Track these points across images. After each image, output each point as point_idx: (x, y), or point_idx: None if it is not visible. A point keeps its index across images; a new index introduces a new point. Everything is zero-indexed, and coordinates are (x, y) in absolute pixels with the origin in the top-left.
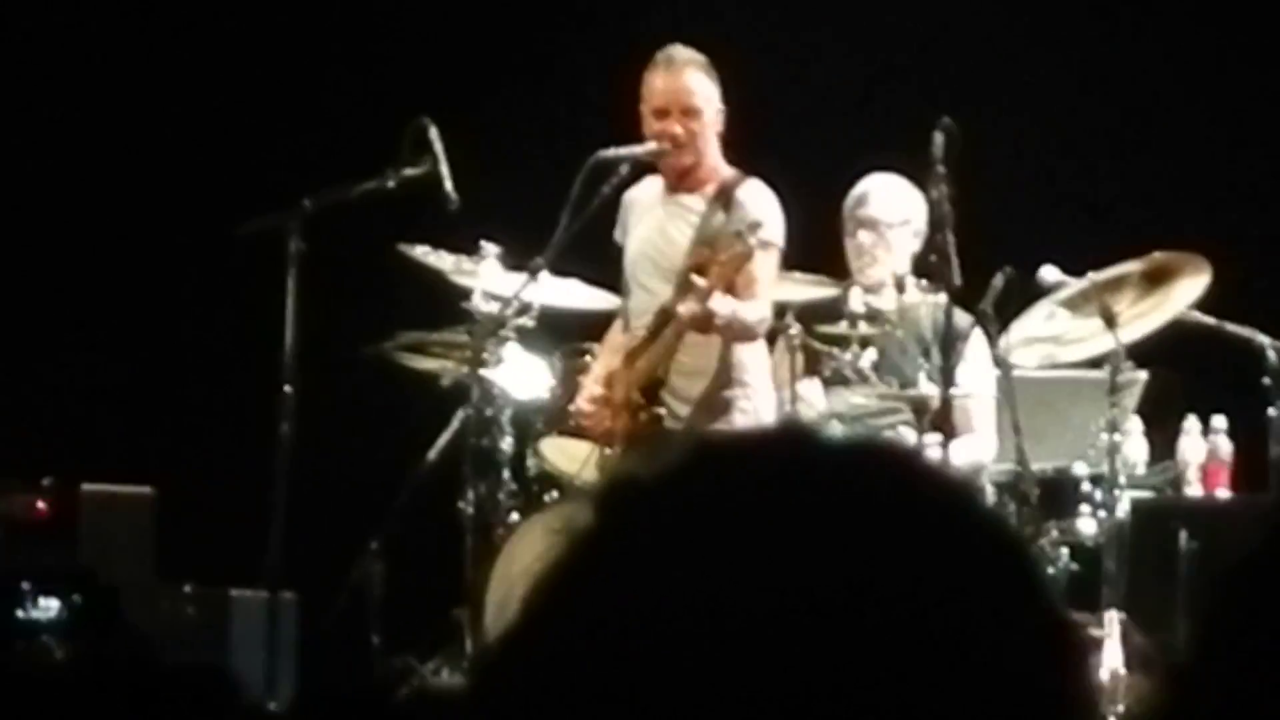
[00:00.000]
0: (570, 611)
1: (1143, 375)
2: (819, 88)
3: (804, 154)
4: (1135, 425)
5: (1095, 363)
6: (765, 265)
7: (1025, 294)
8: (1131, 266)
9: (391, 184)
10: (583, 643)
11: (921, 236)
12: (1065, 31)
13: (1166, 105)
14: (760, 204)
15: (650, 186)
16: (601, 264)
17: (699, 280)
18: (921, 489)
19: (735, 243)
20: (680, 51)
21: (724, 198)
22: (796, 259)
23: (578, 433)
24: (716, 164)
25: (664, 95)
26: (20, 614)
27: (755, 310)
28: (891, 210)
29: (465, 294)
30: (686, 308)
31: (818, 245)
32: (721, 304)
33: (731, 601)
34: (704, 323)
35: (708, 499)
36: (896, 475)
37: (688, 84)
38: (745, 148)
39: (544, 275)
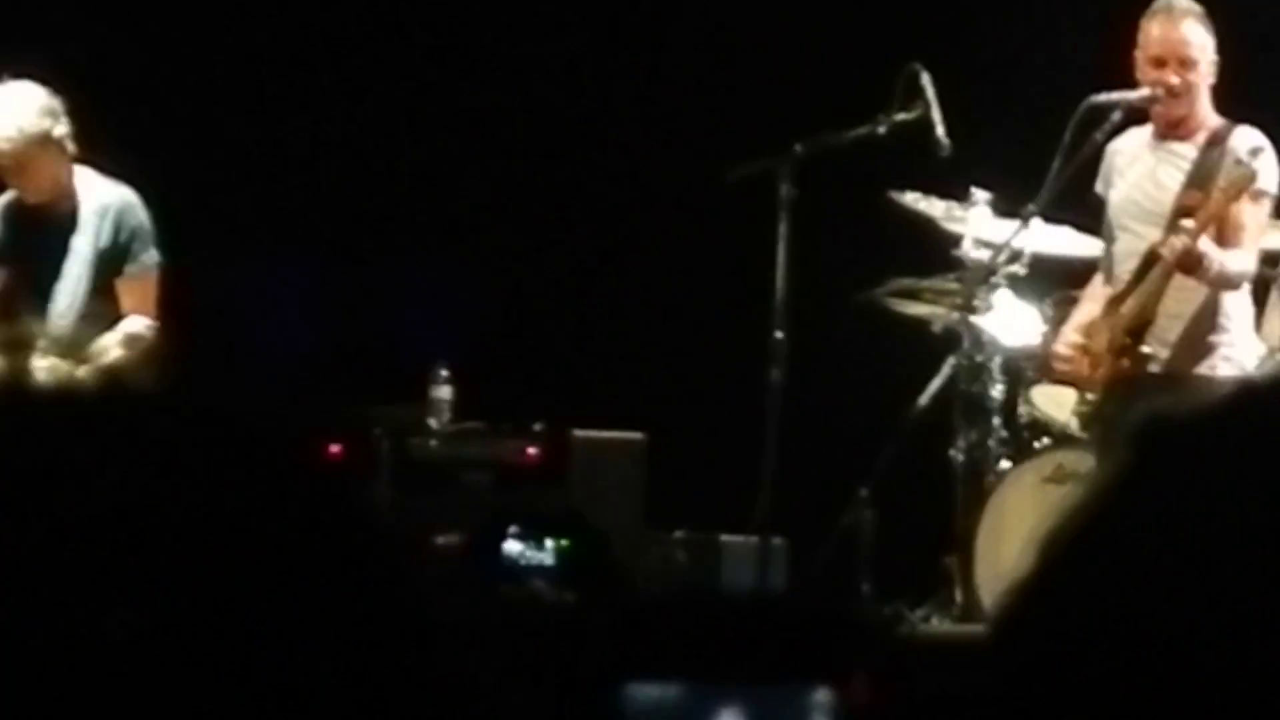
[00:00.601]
0: (1105, 557)
1: None
2: None
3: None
4: None
5: None
6: (1254, 215)
7: None
8: None
9: (883, 130)
10: (1122, 588)
11: None
12: None
13: None
14: (1256, 145)
15: (1136, 136)
16: (1093, 210)
17: (1187, 222)
18: None
19: (1233, 173)
20: (1180, 0)
21: (1217, 144)
22: None
23: (1069, 380)
24: (1208, 113)
25: (1161, 44)
26: (510, 557)
27: (1240, 260)
28: None
29: (956, 240)
30: (1171, 247)
31: None
32: (1209, 246)
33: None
34: (1190, 262)
35: (1252, 438)
36: None
37: (1185, 34)
38: (1232, 98)
39: (1035, 222)
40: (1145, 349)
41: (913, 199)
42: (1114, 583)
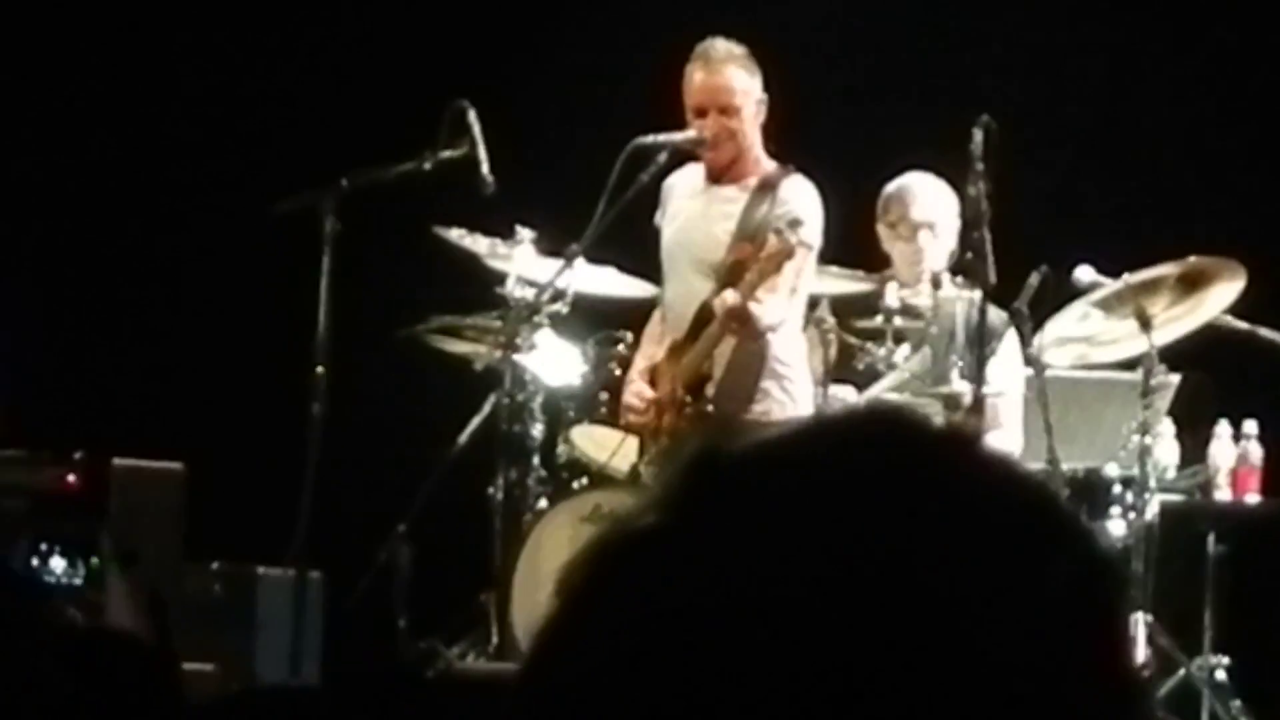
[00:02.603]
0: (634, 592)
1: (1175, 378)
2: (857, 81)
3: (840, 146)
4: (1166, 428)
5: (1128, 364)
6: (794, 266)
7: (1060, 294)
8: (1167, 269)
9: (428, 166)
10: (649, 623)
11: (955, 235)
12: (1104, 32)
13: (1204, 109)
14: (802, 200)
15: (691, 173)
16: (638, 251)
17: (729, 295)
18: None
19: (776, 240)
20: (719, 46)
21: (766, 191)
22: (832, 252)
23: (609, 421)
24: (758, 155)
25: (702, 93)
26: (40, 575)
27: (779, 309)
28: (943, 210)
29: (499, 278)
30: (721, 304)
31: (851, 239)
32: (755, 307)
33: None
34: (737, 324)
35: (805, 473)
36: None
37: (727, 82)
38: (782, 138)
39: (580, 261)
40: (705, 405)
41: (457, 235)
42: (642, 616)
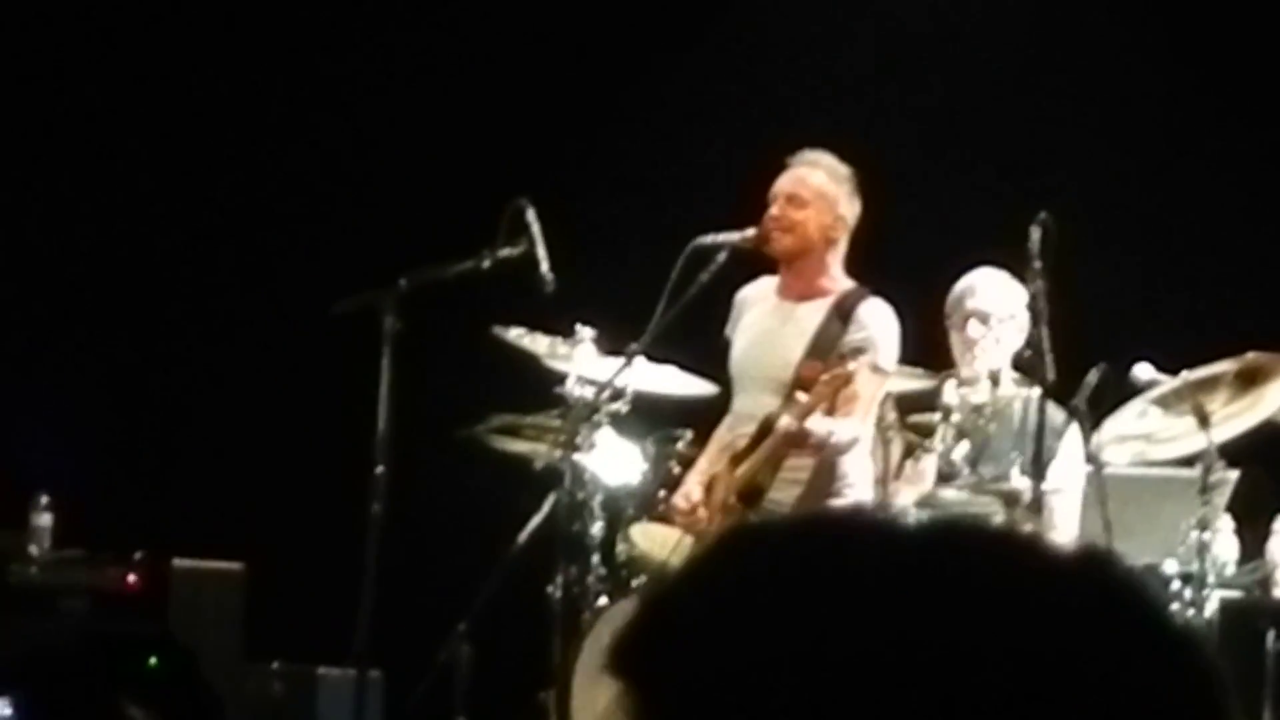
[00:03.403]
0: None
1: (1234, 474)
2: (918, 182)
3: (904, 249)
4: (1225, 524)
5: (1187, 461)
6: (868, 385)
7: (1119, 391)
8: (1225, 366)
9: (487, 264)
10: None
11: (1024, 331)
12: (1165, 127)
13: (1265, 205)
14: (879, 323)
15: (765, 286)
16: (699, 350)
17: (801, 396)
18: (1016, 562)
19: (840, 364)
20: (813, 153)
21: (842, 311)
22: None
23: (668, 519)
24: (836, 275)
25: (778, 183)
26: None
27: (850, 429)
28: (1000, 303)
29: (559, 378)
30: (784, 424)
31: (915, 338)
32: (819, 424)
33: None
34: (799, 441)
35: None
36: (984, 549)
37: (800, 174)
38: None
39: (640, 361)
40: (760, 514)
41: (516, 335)
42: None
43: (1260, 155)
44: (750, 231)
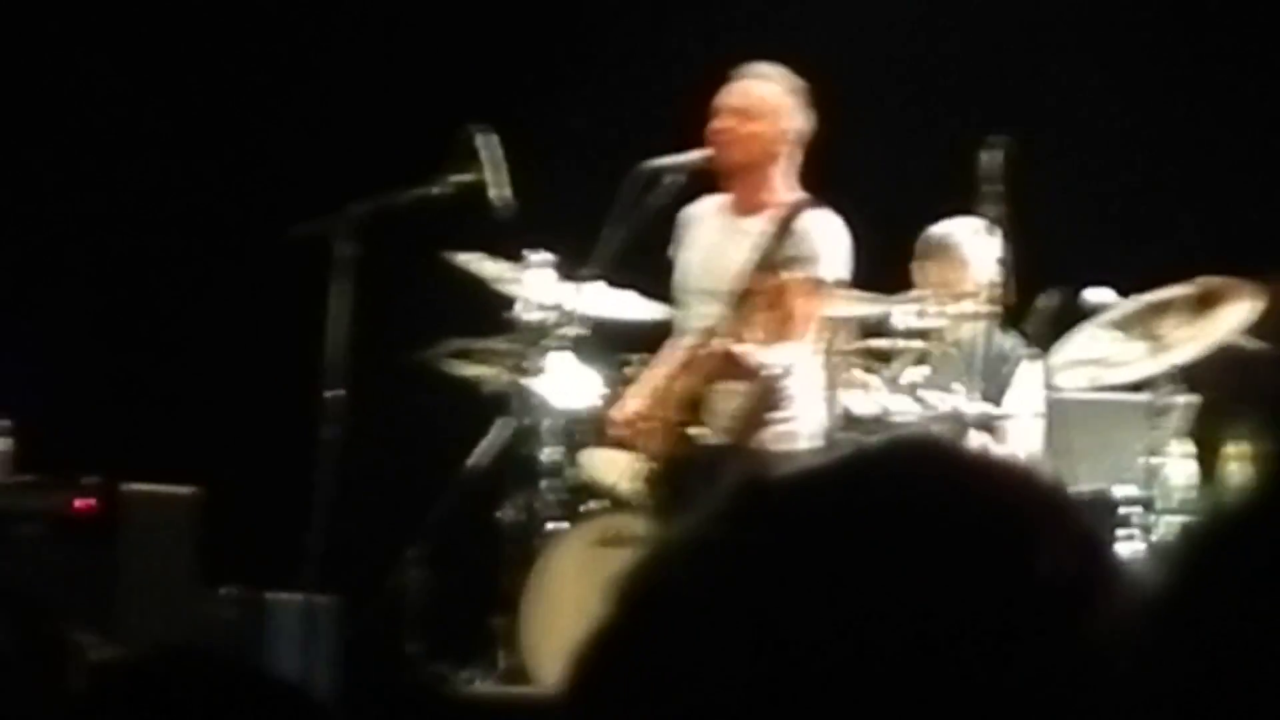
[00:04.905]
0: (699, 597)
1: (1186, 399)
2: (870, 106)
3: (855, 174)
4: (1181, 449)
5: (1142, 386)
6: (808, 301)
7: (1072, 315)
8: (1179, 290)
9: (436, 191)
10: (716, 632)
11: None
12: (1120, 51)
13: (1220, 130)
14: (821, 235)
15: (710, 204)
16: (658, 275)
17: (722, 341)
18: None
19: (786, 277)
20: (761, 66)
21: (786, 223)
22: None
23: (620, 443)
24: (782, 188)
25: (721, 96)
26: None
27: (784, 355)
28: (981, 258)
29: (511, 303)
30: (716, 345)
31: (869, 262)
32: (748, 351)
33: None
34: (730, 366)
35: (849, 500)
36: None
37: (747, 87)
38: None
39: (601, 285)
40: (696, 429)
41: (467, 259)
42: (709, 616)
43: (1216, 76)
44: (696, 154)
